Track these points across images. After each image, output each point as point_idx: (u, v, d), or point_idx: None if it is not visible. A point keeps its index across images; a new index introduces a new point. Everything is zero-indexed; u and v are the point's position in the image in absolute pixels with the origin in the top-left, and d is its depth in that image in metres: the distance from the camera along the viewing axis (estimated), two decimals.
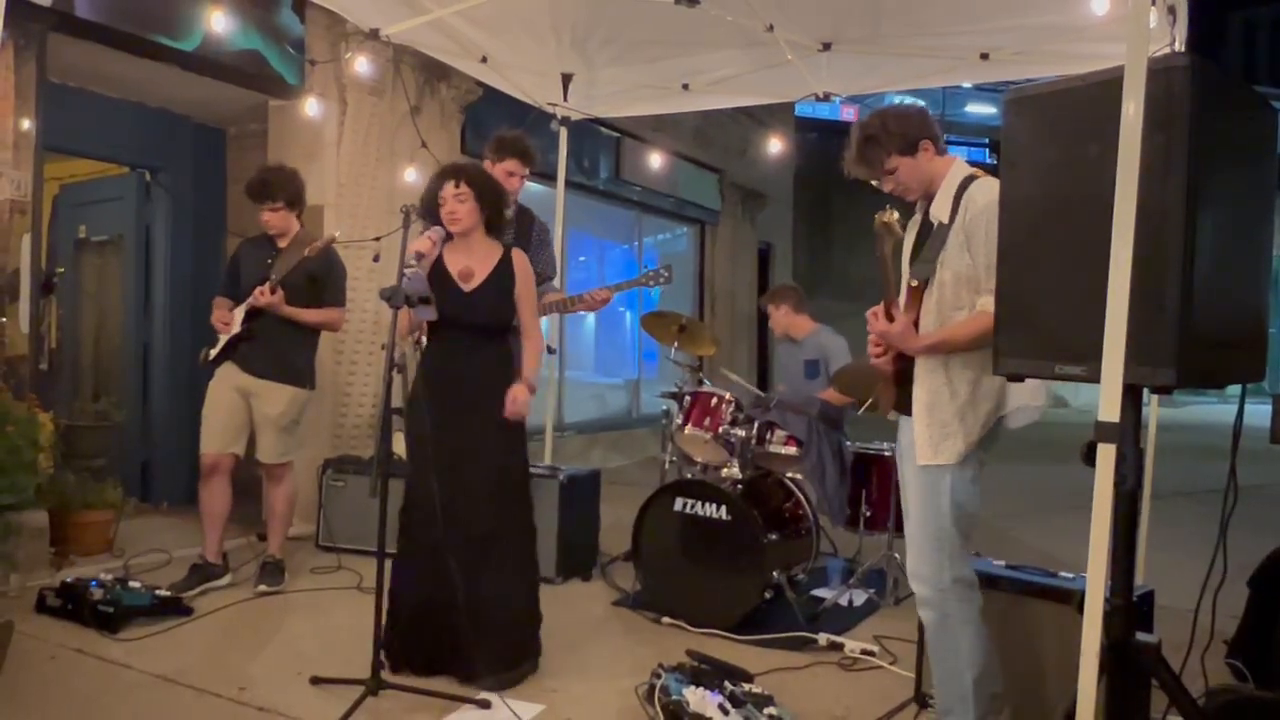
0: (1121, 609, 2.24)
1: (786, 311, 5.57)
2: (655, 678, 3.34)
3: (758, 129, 11.67)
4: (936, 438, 2.83)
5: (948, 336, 2.80)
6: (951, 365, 2.82)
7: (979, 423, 2.81)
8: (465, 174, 3.71)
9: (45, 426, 4.74)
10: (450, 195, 3.66)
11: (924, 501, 2.89)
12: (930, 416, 2.84)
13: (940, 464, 2.83)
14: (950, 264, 2.82)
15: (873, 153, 2.95)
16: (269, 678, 3.66)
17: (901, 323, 2.86)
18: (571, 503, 5.07)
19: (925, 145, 2.91)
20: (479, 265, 3.71)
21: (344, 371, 6.38)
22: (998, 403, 2.83)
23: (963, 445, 2.81)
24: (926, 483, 2.87)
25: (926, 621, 2.97)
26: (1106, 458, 2.12)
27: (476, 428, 3.64)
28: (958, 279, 2.81)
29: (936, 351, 2.83)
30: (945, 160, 2.96)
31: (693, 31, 5.22)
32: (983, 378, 2.79)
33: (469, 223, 3.69)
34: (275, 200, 4.71)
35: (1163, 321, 2.06)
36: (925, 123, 2.95)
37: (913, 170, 2.94)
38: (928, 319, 2.86)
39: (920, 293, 2.88)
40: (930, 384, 2.85)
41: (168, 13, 5.44)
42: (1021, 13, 4.71)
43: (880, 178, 2.99)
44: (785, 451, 4.92)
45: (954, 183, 2.88)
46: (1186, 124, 2.05)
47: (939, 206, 2.89)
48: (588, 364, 11.36)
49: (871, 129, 2.94)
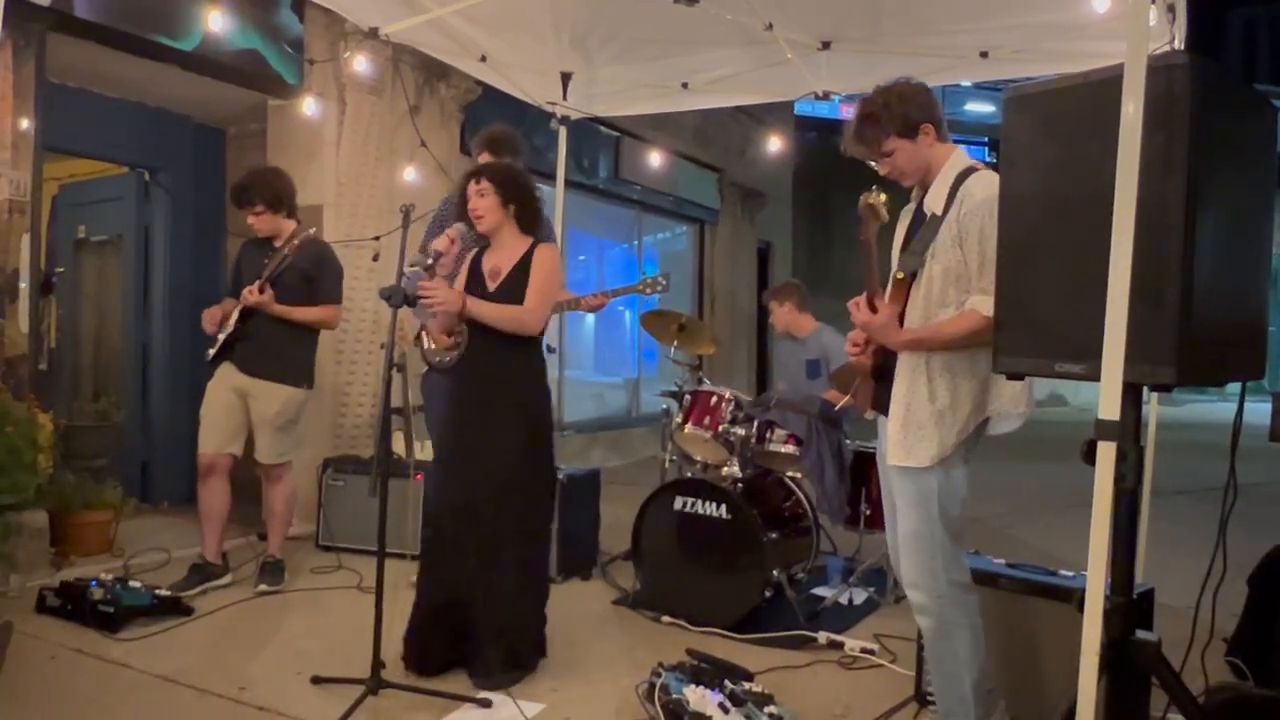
0: (1122, 607, 2.24)
1: (790, 309, 5.56)
2: (655, 676, 3.33)
3: (757, 128, 11.67)
4: (911, 440, 2.75)
5: (933, 333, 2.71)
6: (933, 365, 2.73)
7: (956, 427, 2.73)
8: (486, 171, 3.73)
9: (45, 427, 4.75)
10: (473, 192, 3.69)
11: (910, 507, 2.81)
12: (906, 417, 2.76)
13: (911, 466, 2.75)
14: (940, 258, 2.73)
15: (871, 132, 2.85)
16: (269, 677, 3.66)
17: (885, 314, 2.76)
18: (571, 502, 5.06)
19: (926, 129, 2.81)
20: (506, 263, 3.70)
21: (344, 371, 6.38)
22: (977, 407, 2.75)
23: (936, 449, 2.72)
24: (911, 487, 2.79)
25: (924, 628, 2.90)
26: (1107, 456, 2.12)
27: (492, 427, 3.63)
28: (947, 274, 2.72)
29: (919, 348, 2.75)
30: (946, 148, 2.85)
31: (692, 30, 5.21)
32: (964, 381, 2.72)
33: (492, 220, 3.68)
34: (254, 204, 4.69)
35: (1162, 319, 2.06)
36: (928, 105, 2.83)
37: (911, 155, 2.83)
38: (913, 314, 2.77)
39: (907, 285, 2.79)
40: (909, 383, 2.76)
41: (167, 12, 5.44)
42: (1021, 11, 4.70)
43: (877, 159, 2.89)
44: (785, 450, 4.92)
45: (951, 174, 2.78)
46: (1186, 122, 2.05)
47: (934, 197, 2.81)
48: (587, 363, 11.36)
49: (872, 107, 2.84)
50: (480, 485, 3.60)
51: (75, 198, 6.95)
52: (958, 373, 2.72)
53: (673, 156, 10.33)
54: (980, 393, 2.75)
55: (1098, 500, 2.11)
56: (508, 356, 3.67)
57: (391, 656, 3.53)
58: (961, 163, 2.81)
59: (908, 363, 2.77)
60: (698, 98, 6.28)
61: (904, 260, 2.83)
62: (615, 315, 11.80)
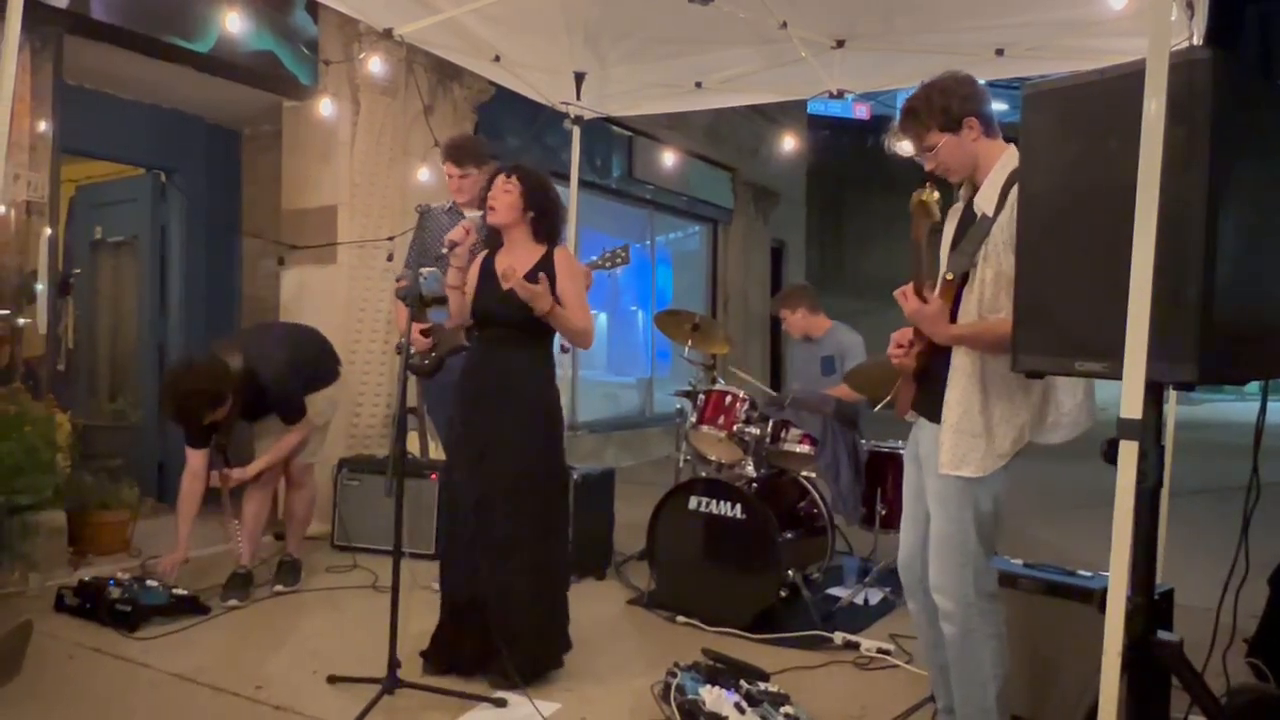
0: (1143, 608, 2.22)
1: (804, 314, 5.51)
2: (670, 677, 3.32)
3: (770, 127, 11.65)
4: (963, 448, 2.67)
5: (983, 330, 2.61)
6: (988, 372, 2.65)
7: (1010, 437, 2.66)
8: (519, 171, 3.69)
9: (63, 427, 4.77)
10: (500, 185, 3.66)
11: (948, 513, 2.74)
12: (959, 425, 2.67)
13: (964, 476, 2.69)
14: (993, 262, 2.62)
15: (913, 126, 2.78)
16: (286, 676, 3.67)
17: (935, 304, 2.66)
18: (585, 502, 5.06)
19: (970, 123, 2.71)
20: (520, 264, 3.68)
21: (358, 371, 6.39)
22: (1034, 418, 2.68)
23: (990, 460, 2.65)
24: (951, 493, 2.73)
25: (948, 635, 2.82)
26: (1129, 455, 2.10)
27: (503, 427, 3.61)
28: (999, 279, 2.61)
29: (966, 344, 2.66)
30: (996, 145, 2.75)
31: (706, 29, 5.20)
32: (1019, 390, 2.65)
33: (505, 217, 3.65)
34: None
35: (1184, 316, 2.04)
36: (973, 98, 2.75)
37: (955, 149, 2.74)
38: (964, 318, 2.68)
39: (956, 287, 2.70)
40: (963, 390, 2.67)
41: (182, 14, 5.47)
42: (1037, 8, 4.68)
43: (922, 154, 2.82)
44: (800, 450, 4.90)
45: (1003, 173, 2.67)
46: (1208, 118, 2.03)
47: (984, 197, 2.71)
48: (600, 363, 11.35)
49: (914, 101, 2.78)
50: (491, 486, 3.58)
51: (92, 199, 6.98)
52: (1013, 381, 2.63)
53: (685, 156, 10.32)
54: (1040, 403, 2.68)
55: (1120, 500, 2.09)
56: (517, 356, 3.67)
57: (407, 655, 3.53)
58: (1013, 161, 2.67)
59: (961, 369, 2.69)
60: (711, 97, 6.27)
61: (953, 260, 2.72)
62: (628, 315, 11.80)
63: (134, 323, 6.80)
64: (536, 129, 8.15)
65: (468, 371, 3.75)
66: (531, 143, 8.32)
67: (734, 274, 12.67)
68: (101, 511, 5.07)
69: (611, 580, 5.15)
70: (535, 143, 8.36)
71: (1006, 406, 2.66)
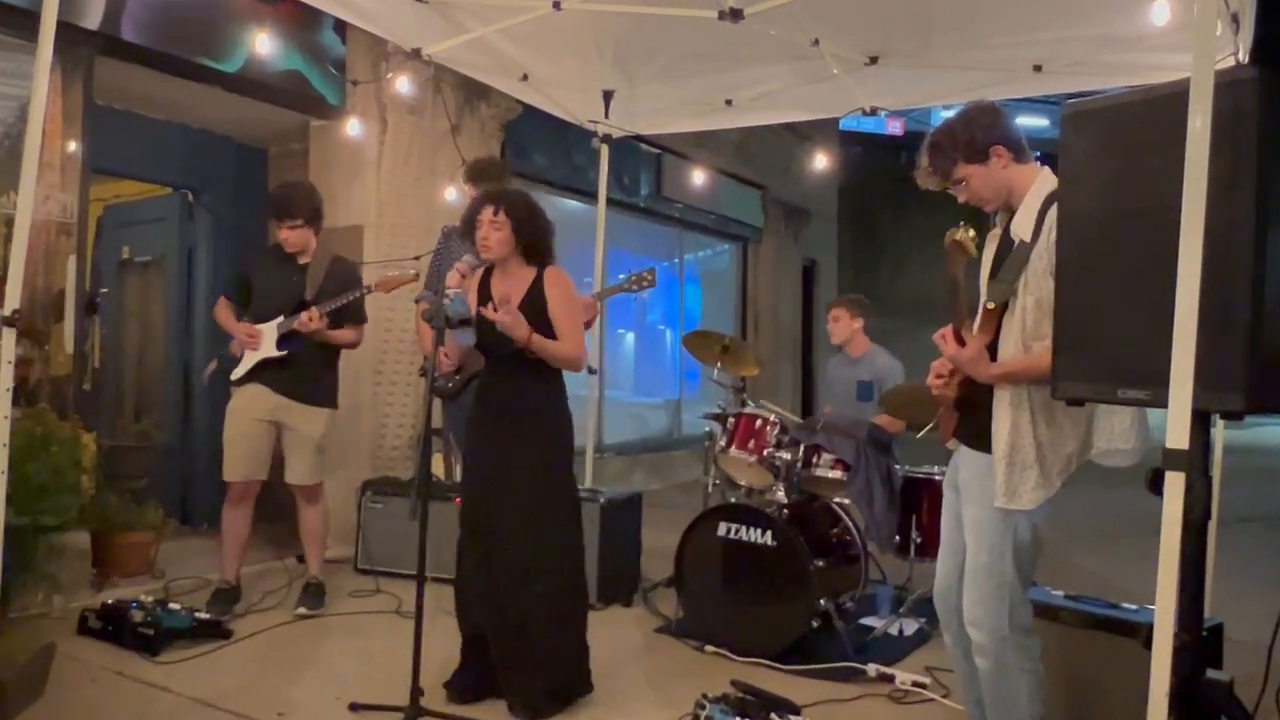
0: (1190, 645, 2.13)
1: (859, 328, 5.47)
2: (699, 708, 3.26)
3: (801, 144, 11.57)
4: (1015, 480, 2.62)
5: (1026, 365, 2.58)
6: (1034, 401, 2.61)
7: (1059, 465, 2.63)
8: (506, 202, 3.61)
9: (88, 447, 4.74)
10: (487, 221, 3.58)
11: (987, 544, 2.70)
12: (1011, 457, 2.63)
13: (1016, 509, 2.64)
14: (1034, 288, 2.59)
15: (939, 162, 2.77)
16: (308, 702, 3.63)
17: (974, 347, 2.65)
18: (612, 526, 5.00)
19: (997, 151, 2.70)
20: (515, 291, 3.64)
21: (383, 393, 6.37)
22: (1083, 444, 2.64)
23: (1042, 491, 2.61)
24: (989, 523, 2.69)
25: (981, 669, 2.77)
26: (1175, 487, 2.02)
27: (515, 454, 3.58)
28: (1040, 306, 2.57)
29: (1010, 380, 2.63)
30: (1029, 169, 2.74)
31: (736, 47, 5.15)
32: (1066, 417, 2.61)
33: (500, 251, 3.60)
34: (295, 218, 4.65)
35: (1231, 342, 1.99)
36: (996, 126, 2.73)
37: (985, 179, 2.73)
38: (1006, 347, 2.66)
39: (996, 315, 2.67)
40: (1011, 421, 2.63)
41: (211, 35, 5.50)
42: (1076, 23, 4.60)
43: (953, 187, 2.80)
44: (832, 475, 4.80)
45: (1039, 197, 2.65)
46: (1255, 137, 1.98)
47: (1021, 222, 2.68)
48: (627, 384, 11.30)
49: (937, 135, 2.78)
50: (504, 513, 3.55)
51: (120, 218, 7.02)
52: (1058, 408, 2.59)
53: (715, 174, 10.28)
54: (1086, 430, 2.64)
55: (1166, 534, 2.02)
56: (525, 380, 3.63)
57: (430, 683, 3.48)
58: (1050, 184, 2.65)
59: (1007, 400, 2.65)
60: (742, 115, 6.23)
61: (993, 289, 2.69)
62: (656, 335, 11.75)
63: (160, 343, 6.82)
64: (564, 147, 8.14)
65: (479, 397, 3.74)
66: (559, 161, 8.30)
67: (764, 293, 12.60)
68: (126, 533, 5.06)
69: (638, 607, 5.07)
70: (563, 161, 8.35)
71: (1055, 434, 2.63)
